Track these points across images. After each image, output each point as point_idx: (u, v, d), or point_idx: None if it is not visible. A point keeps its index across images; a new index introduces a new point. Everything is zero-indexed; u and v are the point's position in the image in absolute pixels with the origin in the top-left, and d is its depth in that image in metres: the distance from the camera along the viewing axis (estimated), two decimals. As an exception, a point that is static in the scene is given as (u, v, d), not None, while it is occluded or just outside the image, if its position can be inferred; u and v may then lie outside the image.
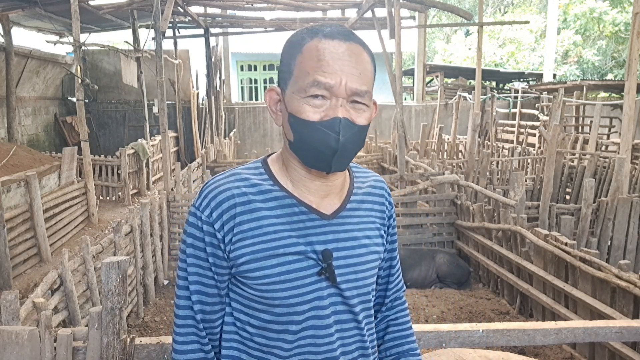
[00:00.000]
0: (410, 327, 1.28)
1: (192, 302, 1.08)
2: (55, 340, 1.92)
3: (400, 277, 1.30)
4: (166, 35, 9.67)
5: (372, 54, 1.07)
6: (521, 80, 19.40)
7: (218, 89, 13.85)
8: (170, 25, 11.48)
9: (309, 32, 1.02)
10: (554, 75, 18.68)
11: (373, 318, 1.19)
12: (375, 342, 1.21)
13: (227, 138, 13.59)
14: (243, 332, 1.09)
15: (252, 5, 9.80)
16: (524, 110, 14.27)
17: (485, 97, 13.37)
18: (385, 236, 1.21)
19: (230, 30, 13.44)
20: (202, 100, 14.59)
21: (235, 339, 1.11)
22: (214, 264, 1.06)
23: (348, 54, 0.99)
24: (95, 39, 13.22)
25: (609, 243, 5.56)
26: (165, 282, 5.82)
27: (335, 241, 1.07)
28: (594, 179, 6.16)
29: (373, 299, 1.18)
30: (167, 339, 1.94)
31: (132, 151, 9.99)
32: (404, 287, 1.32)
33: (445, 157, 12.20)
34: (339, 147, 0.98)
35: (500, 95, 15.99)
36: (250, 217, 1.04)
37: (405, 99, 18.08)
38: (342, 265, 1.08)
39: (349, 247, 1.09)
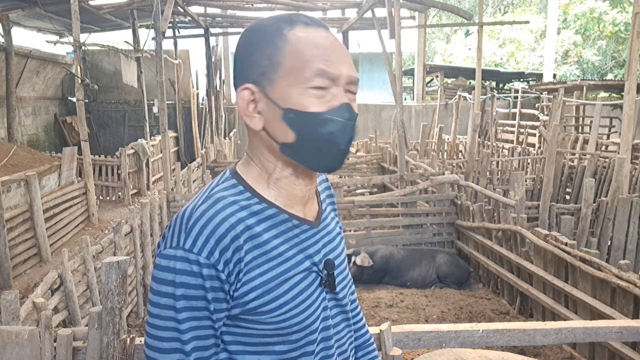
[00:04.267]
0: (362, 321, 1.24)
1: None
2: (55, 340, 1.92)
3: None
4: (166, 35, 9.66)
5: None
6: (521, 80, 19.40)
7: (218, 89, 13.84)
8: (170, 25, 11.47)
9: (284, 20, 0.93)
10: (554, 75, 18.68)
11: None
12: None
13: (227, 138, 13.58)
14: None
15: (252, 5, 9.79)
16: (524, 110, 14.27)
17: (485, 97, 13.36)
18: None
19: (230, 30, 13.45)
20: (202, 100, 14.59)
21: None
22: (215, 310, 0.90)
23: (338, 43, 0.95)
24: (95, 39, 13.22)
25: (609, 243, 5.55)
26: (165, 282, 5.82)
27: (325, 247, 1.03)
28: (594, 179, 6.15)
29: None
30: (167, 339, 1.93)
31: (132, 151, 9.99)
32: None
33: (445, 157, 12.19)
34: (354, 135, 0.93)
35: (500, 95, 15.98)
36: (251, 246, 0.91)
37: (405, 99, 18.08)
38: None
39: (334, 249, 1.06)
